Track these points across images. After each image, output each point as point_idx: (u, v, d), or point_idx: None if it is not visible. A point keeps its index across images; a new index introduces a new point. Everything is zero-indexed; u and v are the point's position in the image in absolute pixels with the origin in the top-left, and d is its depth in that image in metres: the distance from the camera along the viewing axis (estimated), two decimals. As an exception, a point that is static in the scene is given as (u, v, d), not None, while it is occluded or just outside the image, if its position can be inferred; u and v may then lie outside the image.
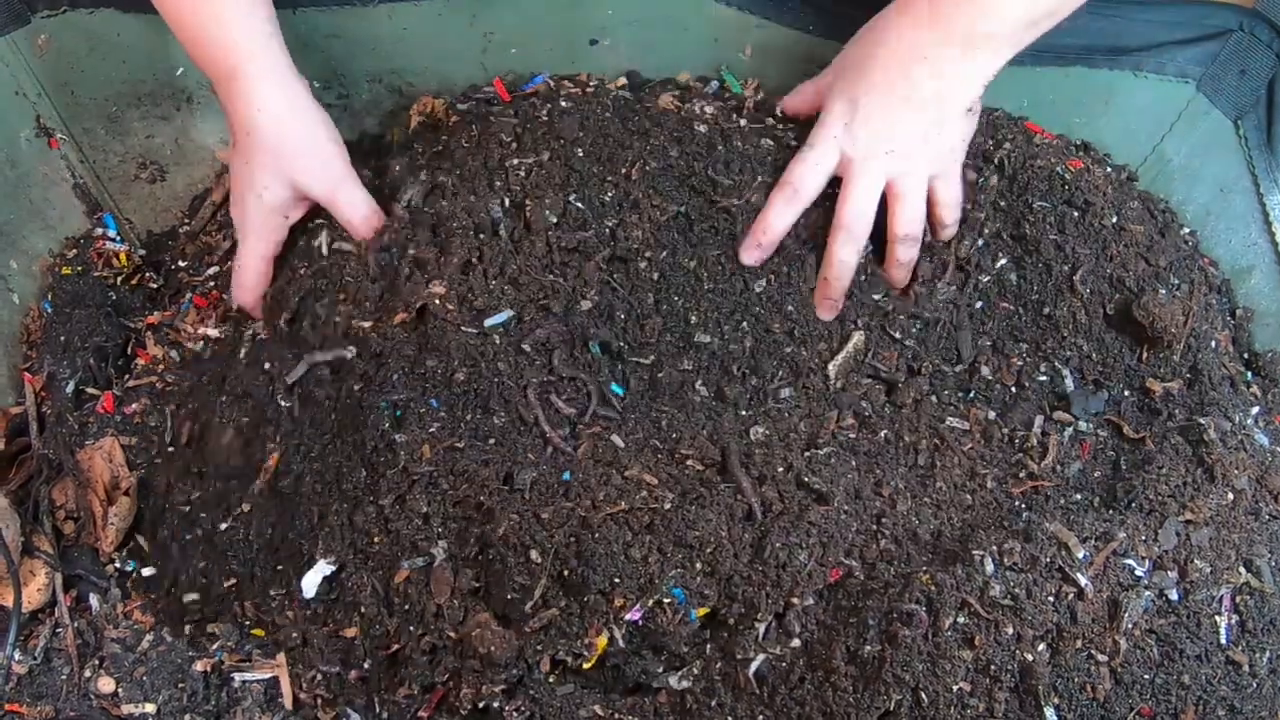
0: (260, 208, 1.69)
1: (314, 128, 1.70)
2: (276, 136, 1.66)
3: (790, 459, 1.55)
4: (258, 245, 1.73)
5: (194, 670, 1.54)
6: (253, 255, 1.73)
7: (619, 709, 1.46)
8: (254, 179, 1.68)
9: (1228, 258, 1.86)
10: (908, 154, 1.63)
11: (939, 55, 1.57)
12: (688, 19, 1.89)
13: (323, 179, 1.69)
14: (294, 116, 1.68)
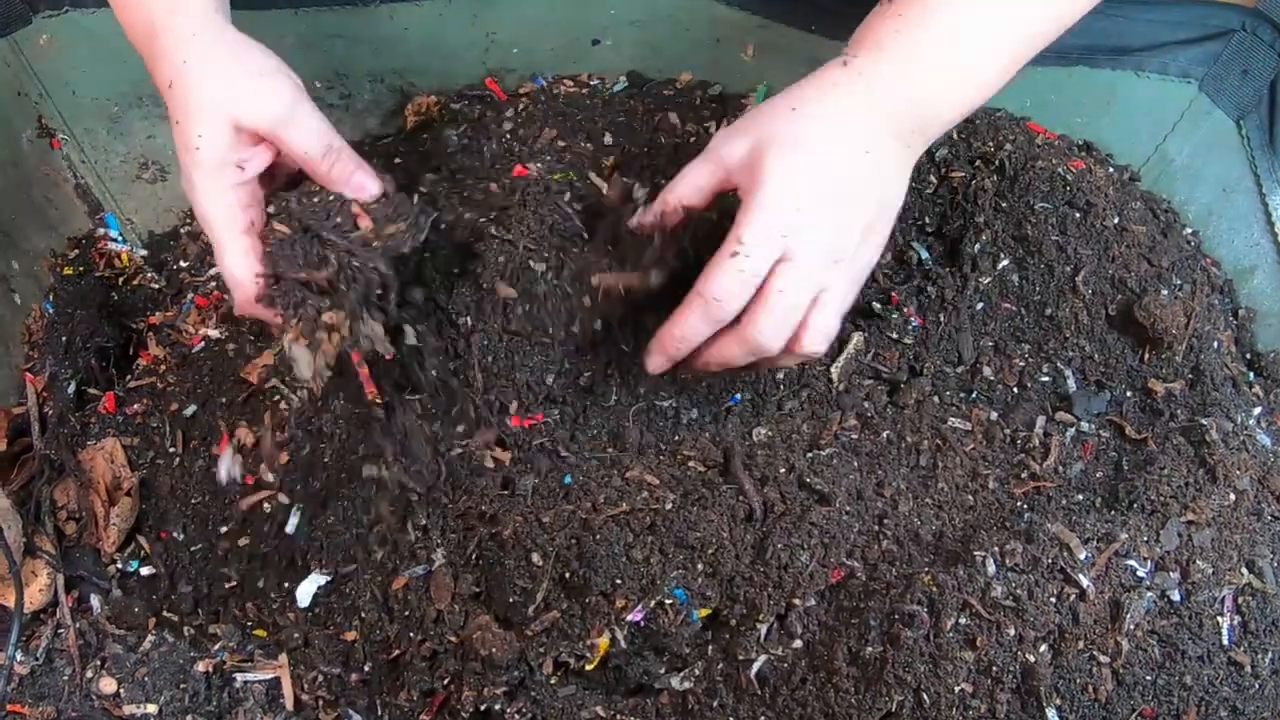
0: (203, 170, 1.39)
1: (252, 54, 1.45)
2: (200, 72, 1.39)
3: (792, 460, 1.55)
4: (223, 222, 1.41)
5: (196, 671, 1.54)
6: (224, 238, 1.41)
7: (621, 710, 1.46)
8: (187, 136, 1.39)
9: (1230, 258, 1.86)
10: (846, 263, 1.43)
11: (882, 148, 1.41)
12: (690, 19, 1.89)
13: (266, 104, 1.40)
14: (220, 47, 1.43)
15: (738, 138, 1.41)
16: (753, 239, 1.36)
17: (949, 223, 1.76)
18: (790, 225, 1.36)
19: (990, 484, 1.60)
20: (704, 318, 1.41)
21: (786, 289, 1.38)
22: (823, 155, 1.38)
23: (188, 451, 1.69)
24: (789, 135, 1.37)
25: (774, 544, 1.44)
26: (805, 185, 1.37)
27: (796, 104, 1.40)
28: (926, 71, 1.40)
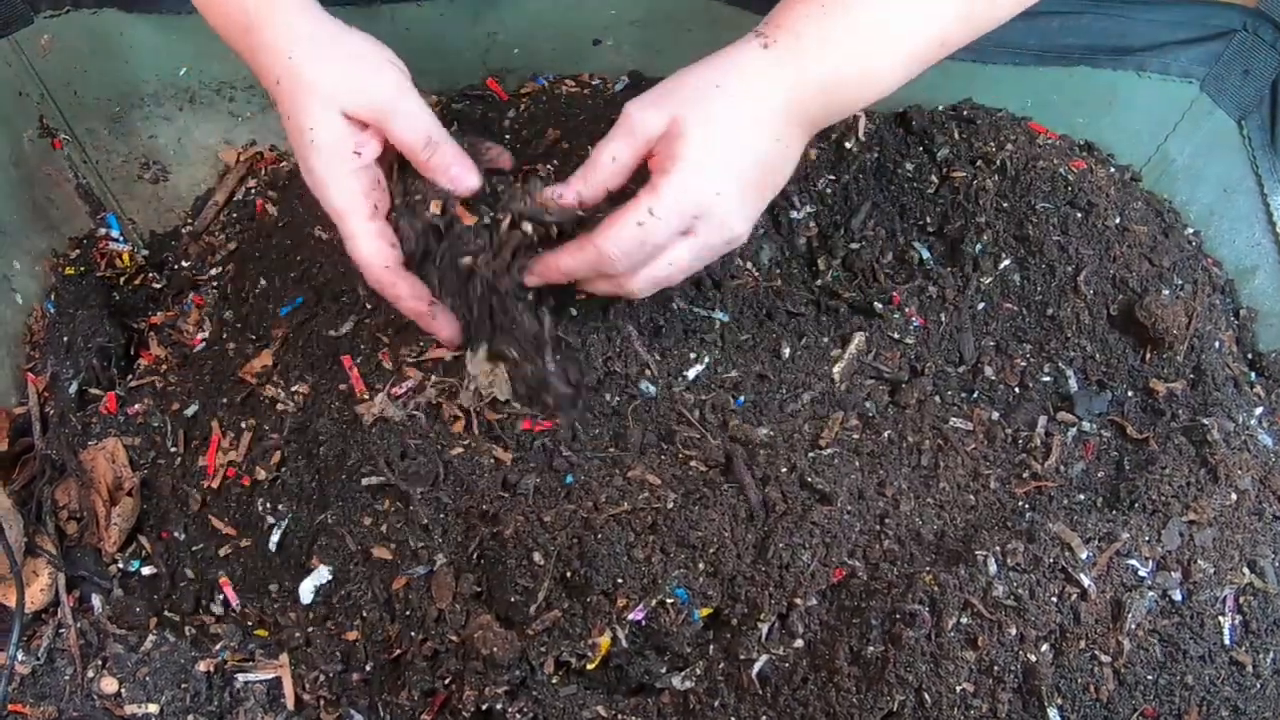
0: (321, 159, 1.40)
1: (355, 42, 1.45)
2: (306, 65, 1.41)
3: (794, 459, 1.54)
4: (349, 211, 1.42)
5: (197, 670, 1.54)
6: (353, 227, 1.42)
7: (622, 709, 1.46)
8: (300, 129, 1.40)
9: (1231, 258, 1.86)
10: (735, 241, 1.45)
11: (791, 135, 1.43)
12: (691, 18, 1.89)
13: (370, 92, 1.41)
14: (323, 38, 1.44)
15: (654, 110, 1.39)
16: (664, 213, 1.36)
17: (950, 223, 1.76)
18: (704, 206, 1.38)
19: (992, 484, 1.60)
20: (590, 265, 1.41)
21: (676, 261, 1.42)
22: (743, 139, 1.39)
23: (189, 451, 1.69)
24: (712, 114, 1.37)
25: (775, 543, 1.44)
26: (724, 167, 1.38)
27: (720, 81, 1.39)
28: (841, 64, 1.40)
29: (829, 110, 1.44)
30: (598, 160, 1.43)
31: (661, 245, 1.39)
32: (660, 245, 1.39)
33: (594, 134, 1.78)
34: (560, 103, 1.92)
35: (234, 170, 2.01)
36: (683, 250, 1.42)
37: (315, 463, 1.59)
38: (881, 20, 1.39)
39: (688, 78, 1.41)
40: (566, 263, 1.42)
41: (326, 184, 1.41)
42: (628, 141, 1.41)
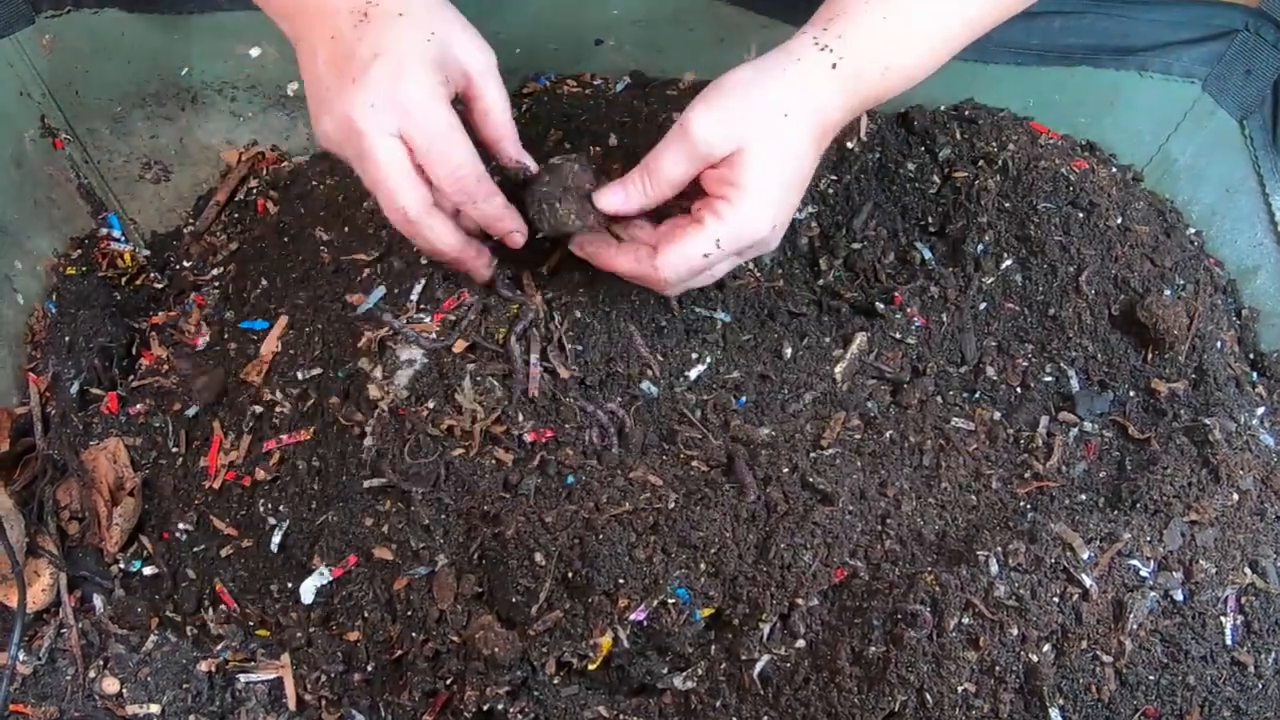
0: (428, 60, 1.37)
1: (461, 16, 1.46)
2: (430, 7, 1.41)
3: (796, 459, 1.54)
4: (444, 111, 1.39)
5: (198, 671, 1.54)
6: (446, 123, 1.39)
7: (623, 710, 1.46)
8: (410, 29, 1.37)
9: (1233, 258, 1.86)
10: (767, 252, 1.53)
11: (824, 147, 1.48)
12: (693, 18, 1.89)
13: (481, 55, 1.44)
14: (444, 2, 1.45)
15: (721, 128, 1.39)
16: (728, 246, 1.42)
17: (952, 223, 1.76)
18: (761, 236, 1.42)
19: (993, 484, 1.60)
20: (641, 276, 1.48)
21: (716, 271, 1.49)
22: (801, 167, 1.43)
23: (190, 452, 1.69)
24: (779, 145, 1.39)
25: (777, 543, 1.44)
26: (784, 199, 1.43)
27: (789, 109, 1.39)
28: (895, 88, 1.45)
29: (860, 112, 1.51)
30: (658, 176, 1.44)
31: (714, 271, 1.48)
32: (713, 271, 1.48)
33: (596, 134, 1.79)
34: (562, 103, 1.92)
35: (235, 170, 2.01)
36: (725, 265, 1.49)
37: (316, 464, 1.59)
38: (931, 31, 1.44)
39: (754, 99, 1.39)
40: (620, 266, 1.49)
41: (424, 84, 1.37)
42: (691, 161, 1.42)
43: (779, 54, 1.43)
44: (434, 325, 1.56)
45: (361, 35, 1.37)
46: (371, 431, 1.55)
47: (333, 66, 1.39)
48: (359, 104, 1.36)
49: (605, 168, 1.75)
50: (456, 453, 1.52)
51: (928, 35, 1.43)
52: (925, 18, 1.42)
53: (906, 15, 1.41)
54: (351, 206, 1.79)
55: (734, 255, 1.46)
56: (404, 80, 1.35)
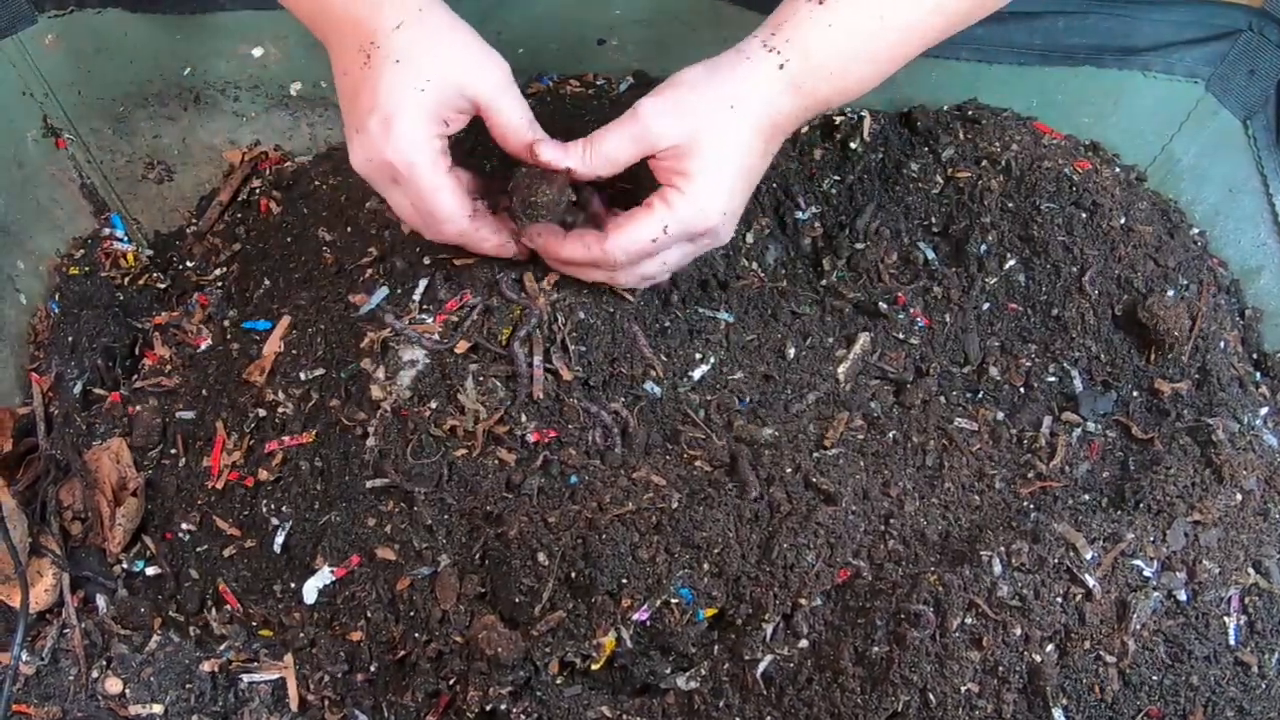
0: (415, 115, 1.40)
1: (472, 32, 1.49)
2: (436, 26, 1.44)
3: (799, 460, 1.54)
4: (429, 165, 1.43)
5: (201, 671, 1.54)
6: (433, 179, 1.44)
7: (626, 710, 1.46)
8: (403, 81, 1.40)
9: (1237, 258, 1.86)
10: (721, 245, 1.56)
11: (779, 147, 1.52)
12: (696, 18, 1.88)
13: (492, 72, 1.47)
14: (452, 17, 1.47)
15: (670, 119, 1.43)
16: (676, 232, 1.45)
17: (955, 223, 1.76)
18: (711, 225, 1.46)
19: (996, 484, 1.60)
20: (593, 263, 1.52)
21: (668, 261, 1.52)
22: (750, 161, 1.46)
23: (193, 452, 1.69)
24: (728, 137, 1.43)
25: (780, 544, 1.44)
26: (735, 192, 1.46)
27: (735, 102, 1.43)
28: (845, 91, 1.48)
29: (812, 117, 1.55)
30: (599, 150, 1.47)
31: (664, 258, 1.50)
32: (664, 259, 1.50)
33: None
34: (565, 103, 1.91)
35: (238, 170, 2.01)
36: (675, 254, 1.51)
37: (319, 464, 1.59)
38: (884, 42, 1.46)
39: (703, 92, 1.44)
40: (567, 252, 1.51)
41: (410, 140, 1.41)
42: (634, 144, 1.45)
43: (730, 53, 1.47)
44: (436, 326, 1.56)
45: (363, 80, 1.43)
46: (374, 432, 1.55)
47: (345, 103, 1.48)
48: (359, 158, 1.45)
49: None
50: (459, 453, 1.52)
51: (874, 43, 1.45)
52: (871, 26, 1.44)
53: (851, 24, 1.43)
54: (354, 207, 1.78)
55: (685, 243, 1.49)
56: (391, 140, 1.41)
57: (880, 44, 1.45)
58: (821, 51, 1.43)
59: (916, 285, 1.74)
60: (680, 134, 1.42)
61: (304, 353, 1.66)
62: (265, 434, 1.64)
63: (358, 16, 1.44)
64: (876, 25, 1.43)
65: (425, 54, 1.42)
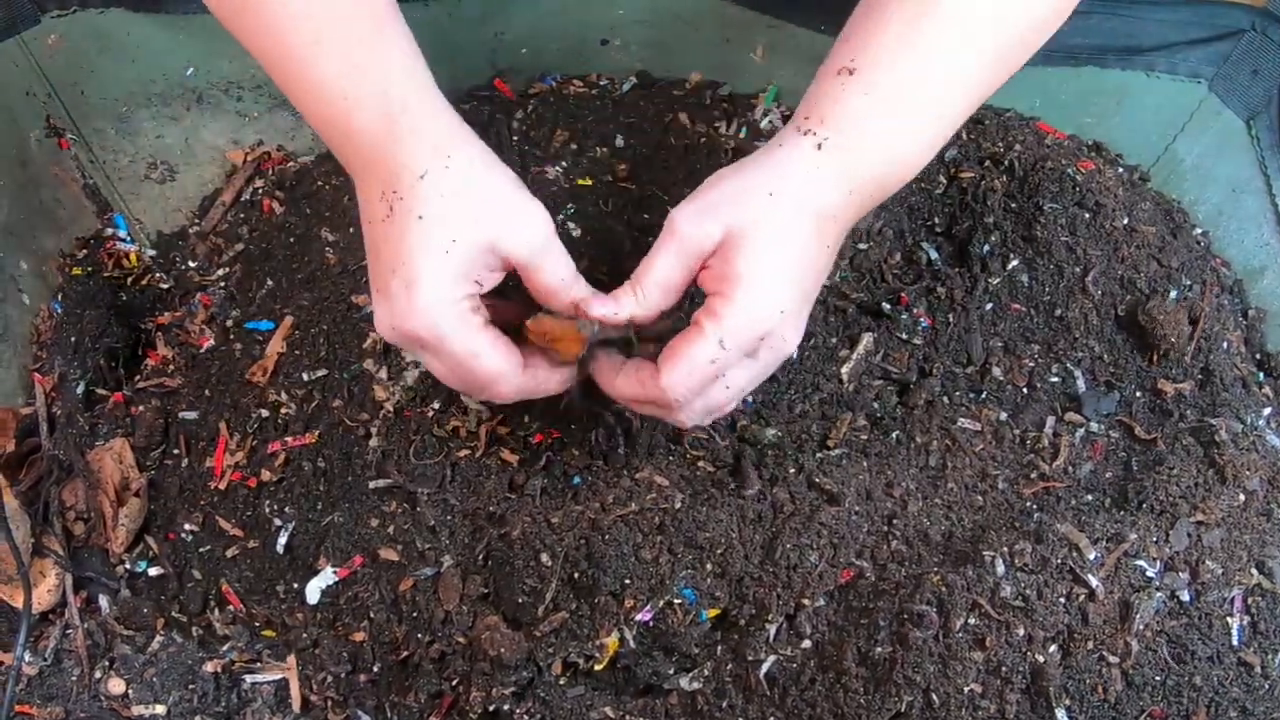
0: (442, 277, 1.26)
1: (509, 178, 1.34)
2: (467, 181, 1.29)
3: (802, 460, 1.55)
4: (463, 329, 1.28)
5: (204, 671, 1.54)
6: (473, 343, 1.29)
7: (629, 710, 1.46)
8: (428, 237, 1.26)
9: (1240, 258, 1.86)
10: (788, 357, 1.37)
11: (840, 240, 1.37)
12: (699, 18, 1.88)
13: (529, 233, 1.31)
14: (486, 162, 1.33)
15: (707, 221, 1.28)
16: (735, 344, 1.27)
17: (958, 223, 1.76)
18: (769, 327, 1.28)
19: (999, 484, 1.60)
20: (652, 402, 1.34)
21: (733, 385, 1.33)
22: (801, 250, 1.30)
23: (195, 452, 1.69)
24: (771, 228, 1.28)
25: (783, 544, 1.44)
26: (789, 286, 1.29)
27: (773, 188, 1.28)
28: (890, 163, 1.34)
29: (873, 204, 1.38)
30: (648, 281, 1.33)
31: (726, 376, 1.31)
32: (725, 377, 1.31)
33: (602, 134, 1.79)
34: (568, 103, 1.91)
35: (241, 170, 2.01)
36: (741, 374, 1.33)
37: (322, 464, 1.59)
38: (921, 105, 1.33)
39: (736, 183, 1.31)
40: (624, 390, 1.35)
41: (437, 303, 1.26)
42: (680, 260, 1.31)
43: (766, 145, 1.35)
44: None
45: (385, 236, 1.30)
46: (377, 432, 1.55)
47: (369, 256, 1.35)
48: (384, 325, 1.31)
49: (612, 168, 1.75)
50: (462, 454, 1.53)
51: (920, 108, 1.33)
52: (914, 89, 1.31)
53: (890, 88, 1.31)
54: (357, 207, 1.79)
55: (747, 359, 1.31)
56: (415, 309, 1.26)
57: (926, 104, 1.32)
58: (861, 123, 1.30)
59: (919, 285, 1.74)
60: (718, 232, 1.28)
61: (307, 353, 1.66)
62: (268, 434, 1.64)
63: (381, 159, 1.31)
64: (918, 85, 1.31)
65: (453, 210, 1.27)
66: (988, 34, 1.33)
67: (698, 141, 1.81)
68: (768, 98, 1.90)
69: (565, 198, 1.74)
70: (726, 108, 1.90)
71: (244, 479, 1.62)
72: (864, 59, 1.32)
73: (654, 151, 1.79)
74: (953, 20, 1.31)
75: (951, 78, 1.33)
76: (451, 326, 1.27)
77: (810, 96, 1.34)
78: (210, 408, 1.71)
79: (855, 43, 1.34)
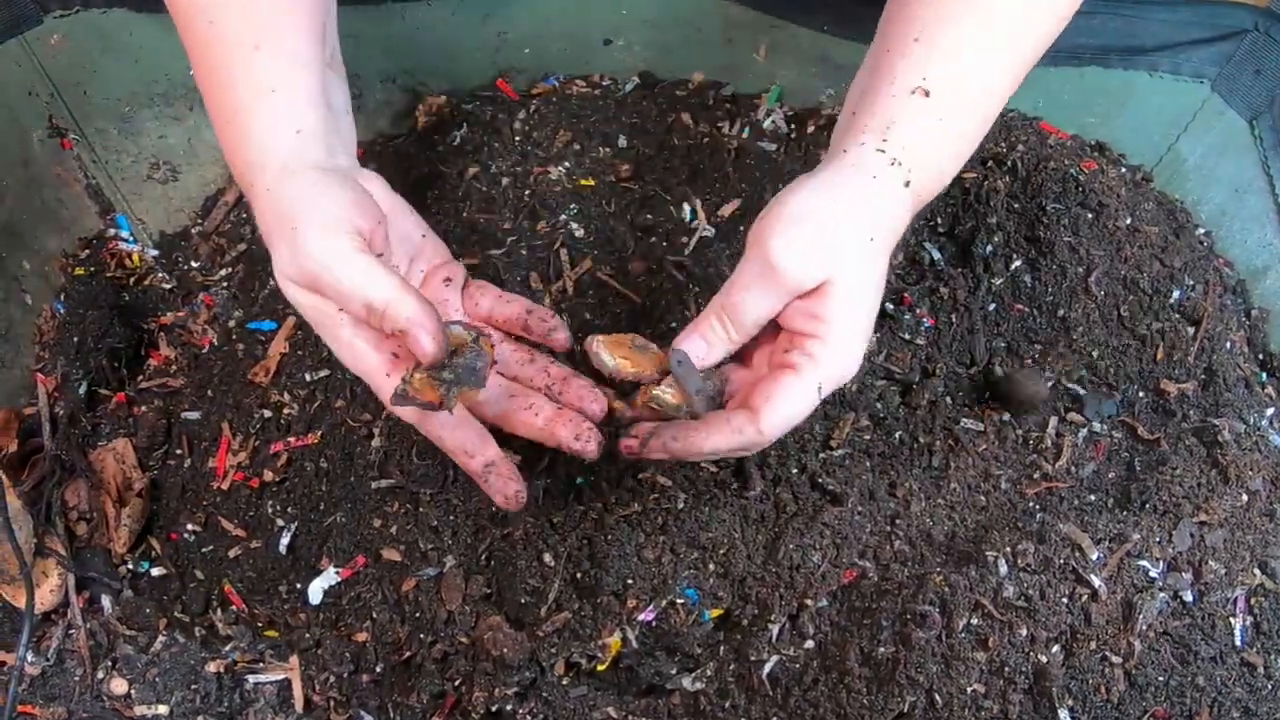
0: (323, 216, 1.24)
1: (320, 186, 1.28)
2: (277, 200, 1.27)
3: (805, 460, 1.54)
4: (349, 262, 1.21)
5: (207, 671, 1.54)
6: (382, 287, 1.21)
7: (632, 710, 1.46)
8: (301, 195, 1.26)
9: (1243, 258, 1.86)
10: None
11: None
12: (702, 19, 1.88)
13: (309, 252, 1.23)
14: (297, 177, 1.29)
15: (807, 259, 1.24)
16: (830, 388, 1.27)
17: (961, 224, 1.76)
18: (851, 371, 1.28)
19: (1002, 484, 1.60)
20: (747, 445, 1.28)
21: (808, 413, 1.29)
22: (878, 295, 1.29)
23: (198, 453, 1.69)
24: (869, 275, 1.27)
25: (786, 544, 1.44)
26: (867, 329, 1.28)
27: (874, 234, 1.26)
28: (942, 184, 1.35)
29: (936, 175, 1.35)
30: (741, 315, 1.28)
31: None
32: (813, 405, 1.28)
33: (605, 134, 1.79)
34: (571, 103, 1.92)
35: (244, 170, 2.01)
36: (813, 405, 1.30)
37: (324, 465, 1.59)
38: (977, 131, 1.34)
39: (835, 217, 1.25)
40: (719, 444, 1.27)
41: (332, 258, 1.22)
42: (778, 297, 1.27)
43: (850, 171, 1.29)
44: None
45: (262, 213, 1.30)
46: (379, 433, 1.55)
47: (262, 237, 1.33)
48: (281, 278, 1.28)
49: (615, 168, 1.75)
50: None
51: (978, 127, 1.34)
52: (976, 109, 1.32)
53: (957, 112, 1.30)
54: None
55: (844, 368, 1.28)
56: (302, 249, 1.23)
57: (983, 122, 1.34)
58: (936, 154, 1.31)
59: (922, 286, 1.74)
60: (822, 275, 1.24)
61: (309, 353, 1.66)
62: (270, 435, 1.64)
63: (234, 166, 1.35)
64: (981, 104, 1.32)
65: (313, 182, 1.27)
66: (1026, 37, 1.35)
67: (701, 142, 1.81)
68: (770, 98, 1.90)
69: (568, 198, 1.74)
70: (729, 108, 1.90)
71: (246, 479, 1.62)
72: (938, 81, 1.29)
73: (657, 152, 1.79)
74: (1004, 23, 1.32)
75: (1003, 88, 1.34)
76: (339, 256, 1.21)
77: (885, 110, 1.30)
78: (213, 408, 1.71)
79: (923, 51, 1.30)
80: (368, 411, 1.58)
